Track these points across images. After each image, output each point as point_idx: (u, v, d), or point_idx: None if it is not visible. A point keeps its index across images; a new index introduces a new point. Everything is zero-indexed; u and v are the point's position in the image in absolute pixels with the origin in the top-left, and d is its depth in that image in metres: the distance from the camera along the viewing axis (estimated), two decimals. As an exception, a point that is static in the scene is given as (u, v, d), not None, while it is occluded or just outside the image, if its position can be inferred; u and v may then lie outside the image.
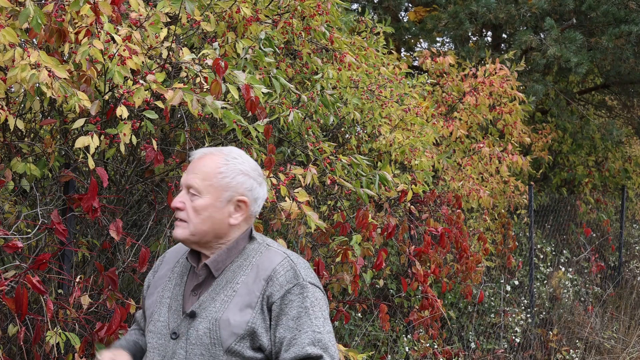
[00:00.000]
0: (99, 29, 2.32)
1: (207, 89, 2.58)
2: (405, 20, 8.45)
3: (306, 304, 1.71)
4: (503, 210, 6.02)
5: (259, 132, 2.78)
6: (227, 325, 1.70)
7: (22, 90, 2.55)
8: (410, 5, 8.37)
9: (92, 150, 2.34)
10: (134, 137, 2.47)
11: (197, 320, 1.74)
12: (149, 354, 1.81)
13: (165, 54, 2.66)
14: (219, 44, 2.92)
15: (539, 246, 7.43)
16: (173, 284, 1.84)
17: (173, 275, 1.86)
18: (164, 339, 1.77)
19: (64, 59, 2.50)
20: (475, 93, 5.54)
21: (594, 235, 8.70)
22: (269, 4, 3.32)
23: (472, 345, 5.40)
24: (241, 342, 1.70)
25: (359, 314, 4.55)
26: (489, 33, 8.49)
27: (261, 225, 2.87)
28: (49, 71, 2.19)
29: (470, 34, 8.02)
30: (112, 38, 2.38)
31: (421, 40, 8.41)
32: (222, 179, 1.76)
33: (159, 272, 1.91)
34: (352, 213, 3.94)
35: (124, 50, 2.37)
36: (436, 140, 5.11)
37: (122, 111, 2.37)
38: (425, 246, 4.21)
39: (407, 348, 4.40)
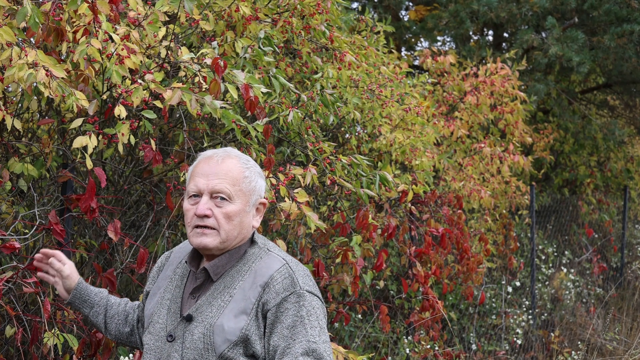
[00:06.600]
0: (97, 28, 2.30)
1: (206, 88, 2.57)
2: (405, 19, 8.44)
3: (302, 313, 1.68)
4: (504, 211, 6.00)
5: (258, 132, 2.76)
6: (221, 331, 1.69)
7: (20, 89, 2.53)
8: (410, 4, 8.35)
9: (90, 150, 2.33)
10: (132, 137, 2.46)
11: (193, 324, 1.72)
12: (145, 356, 1.80)
13: (163, 53, 2.65)
14: (217, 43, 2.90)
15: (540, 247, 7.41)
16: (174, 286, 1.83)
17: (175, 277, 1.85)
18: (161, 341, 1.77)
19: (62, 58, 2.48)
20: (476, 92, 5.52)
21: (596, 236, 8.68)
22: (268, 3, 3.29)
23: (473, 346, 5.38)
24: (234, 349, 1.68)
25: (359, 316, 4.53)
26: (490, 32, 8.47)
27: (260, 226, 2.84)
28: (47, 70, 2.17)
29: (471, 33, 8.01)
30: (110, 37, 2.37)
31: (422, 39, 8.39)
32: (249, 183, 1.78)
33: (163, 273, 1.90)
34: (352, 214, 3.92)
35: (122, 49, 2.35)
36: (437, 140, 5.09)
37: (120, 111, 2.36)
38: (426, 247, 4.19)
39: (407, 350, 4.38)
